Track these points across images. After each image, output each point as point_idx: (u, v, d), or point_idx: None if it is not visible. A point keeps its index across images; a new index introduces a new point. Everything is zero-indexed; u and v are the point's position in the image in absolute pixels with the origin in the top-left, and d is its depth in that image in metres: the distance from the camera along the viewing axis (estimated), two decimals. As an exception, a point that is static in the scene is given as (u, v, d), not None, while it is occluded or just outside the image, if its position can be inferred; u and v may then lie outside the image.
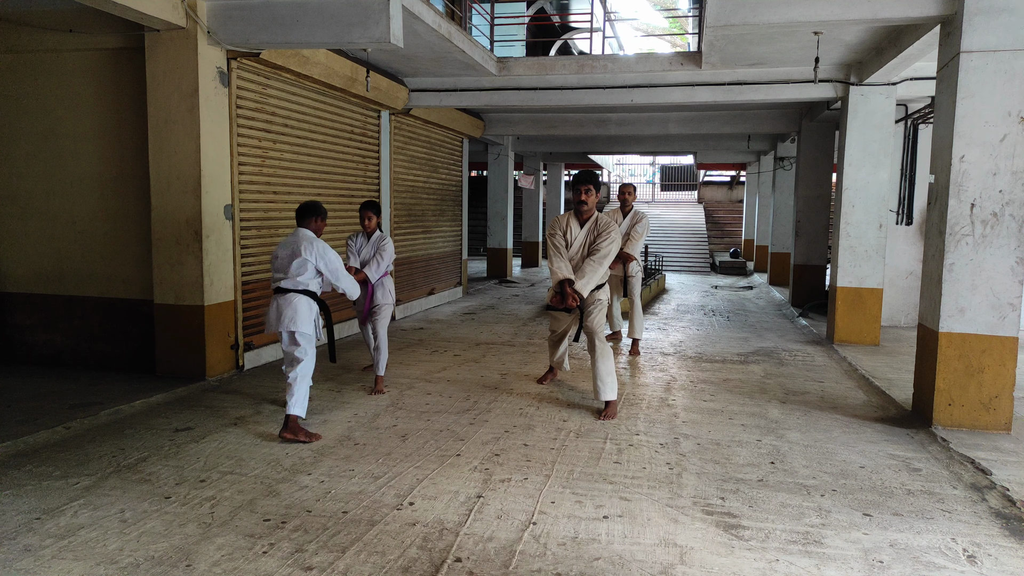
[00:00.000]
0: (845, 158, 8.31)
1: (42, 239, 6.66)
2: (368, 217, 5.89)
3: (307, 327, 4.79)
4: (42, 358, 6.77)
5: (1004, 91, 4.90)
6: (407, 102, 9.61)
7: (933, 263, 5.29)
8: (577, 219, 5.44)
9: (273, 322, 4.84)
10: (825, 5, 5.51)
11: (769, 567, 3.12)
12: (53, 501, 3.72)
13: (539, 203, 19.55)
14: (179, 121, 6.04)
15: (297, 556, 3.17)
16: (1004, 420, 5.07)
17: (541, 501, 3.78)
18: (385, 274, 5.94)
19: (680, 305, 12.23)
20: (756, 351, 8.07)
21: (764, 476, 4.19)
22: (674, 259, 20.18)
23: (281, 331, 4.81)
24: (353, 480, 4.05)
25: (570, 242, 5.39)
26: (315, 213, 4.97)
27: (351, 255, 5.93)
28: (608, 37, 15.62)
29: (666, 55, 8.71)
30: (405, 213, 10.59)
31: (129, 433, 4.85)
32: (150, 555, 3.16)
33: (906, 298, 9.78)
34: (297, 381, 4.75)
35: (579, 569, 3.08)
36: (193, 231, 6.11)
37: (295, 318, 4.74)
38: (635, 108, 11.94)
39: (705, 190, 28.51)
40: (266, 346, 7.08)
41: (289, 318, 4.74)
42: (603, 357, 5.31)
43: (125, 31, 6.07)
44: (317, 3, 5.87)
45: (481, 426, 5.08)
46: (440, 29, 7.07)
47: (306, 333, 4.80)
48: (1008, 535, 3.48)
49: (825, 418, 5.42)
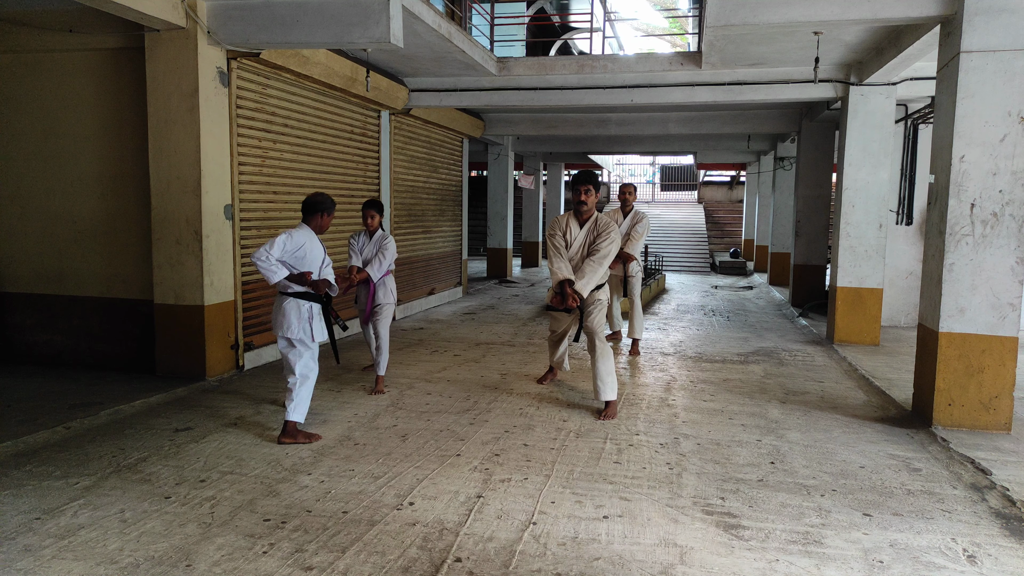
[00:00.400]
0: (845, 158, 8.31)
1: (42, 239, 6.66)
2: (371, 216, 5.86)
3: (298, 332, 4.67)
4: (42, 358, 6.77)
5: (1004, 91, 4.90)
6: (407, 102, 9.61)
7: (933, 263, 5.29)
8: (577, 219, 5.44)
9: (273, 325, 4.81)
10: (825, 5, 5.51)
11: (769, 567, 3.12)
12: (53, 501, 3.72)
13: (539, 203, 19.55)
14: (179, 121, 6.04)
15: (297, 556, 3.17)
16: (1004, 420, 5.07)
17: (541, 501, 3.78)
18: (387, 273, 5.94)
19: (680, 305, 12.22)
20: (756, 351, 8.07)
21: (764, 476, 4.19)
22: (674, 259, 20.18)
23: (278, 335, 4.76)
24: (353, 480, 4.05)
25: (570, 242, 5.39)
26: (320, 208, 4.75)
27: (353, 254, 5.91)
28: (608, 37, 15.62)
29: (666, 55, 8.71)
30: (405, 213, 10.59)
31: (129, 433, 4.85)
32: (150, 555, 3.16)
33: (906, 298, 9.78)
34: (297, 386, 4.68)
35: (579, 569, 3.08)
36: (193, 231, 6.11)
37: (283, 323, 4.66)
38: (635, 108, 11.94)
39: (705, 190, 28.50)
40: (266, 346, 7.08)
41: (279, 323, 4.69)
42: (603, 357, 5.31)
43: (125, 31, 6.07)
44: (317, 3, 5.87)
45: (481, 426, 5.08)
46: (440, 29, 7.08)
47: (300, 339, 4.70)
48: (1008, 535, 3.48)
49: (825, 418, 5.42)
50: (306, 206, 4.76)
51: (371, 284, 5.83)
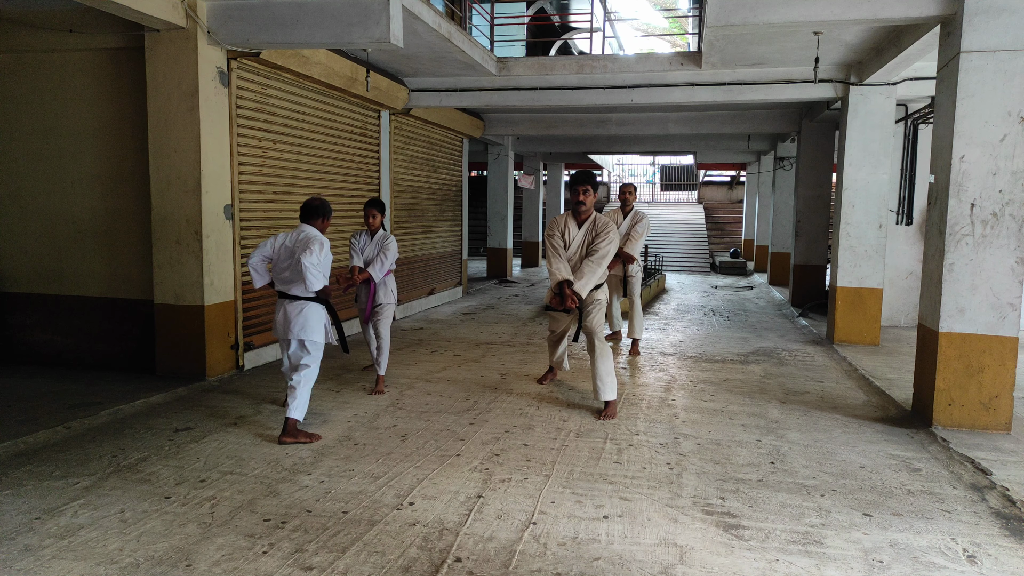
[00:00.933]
0: (845, 158, 8.31)
1: (42, 239, 6.66)
2: (372, 215, 5.82)
3: (318, 335, 4.71)
4: (42, 358, 6.77)
5: (1004, 91, 4.90)
6: (407, 102, 9.61)
7: (933, 263, 5.29)
8: (575, 219, 5.43)
9: (281, 329, 4.77)
10: (825, 5, 5.51)
11: (769, 567, 3.12)
12: (53, 501, 3.72)
13: (539, 203, 19.55)
14: (179, 121, 6.04)
15: (297, 556, 3.17)
16: (1004, 420, 5.07)
17: (541, 501, 3.78)
18: (388, 273, 5.93)
19: (680, 305, 12.22)
20: (756, 351, 8.07)
21: (764, 476, 4.19)
22: (674, 259, 20.18)
23: (290, 338, 4.75)
24: (353, 480, 4.05)
25: (568, 242, 5.38)
26: (321, 213, 4.82)
27: (354, 253, 5.87)
28: (608, 37, 15.63)
29: (666, 55, 8.71)
30: (405, 213, 10.59)
31: (129, 433, 4.85)
32: (150, 555, 3.16)
33: (906, 298, 9.78)
34: (301, 385, 4.68)
35: (579, 569, 3.08)
36: (193, 231, 6.11)
37: (306, 326, 4.67)
38: (635, 108, 11.94)
39: (705, 190, 28.51)
40: (266, 346, 7.08)
41: (300, 326, 4.67)
42: (602, 357, 5.31)
43: (125, 31, 6.07)
44: (317, 3, 5.87)
45: (481, 426, 5.08)
46: (440, 29, 7.08)
47: (316, 341, 4.73)
48: (1008, 535, 3.48)
49: (825, 418, 5.42)
50: (309, 210, 4.79)
51: (372, 284, 5.83)
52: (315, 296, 4.73)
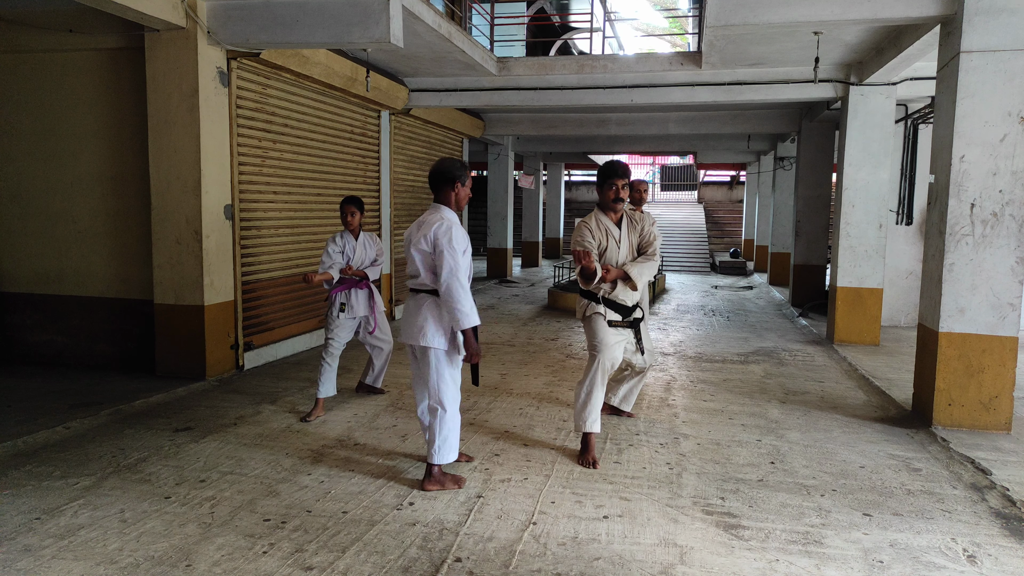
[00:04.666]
0: (845, 158, 8.31)
1: (42, 239, 6.66)
2: (351, 213, 5.31)
3: (438, 341, 3.66)
4: (42, 358, 6.77)
5: (1004, 91, 4.90)
6: (407, 102, 9.61)
7: (933, 263, 5.29)
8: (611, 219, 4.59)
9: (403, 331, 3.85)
10: (825, 5, 5.51)
11: (769, 567, 3.12)
12: (53, 501, 3.72)
13: (539, 203, 19.55)
14: (179, 121, 6.04)
15: (297, 556, 3.17)
16: (1004, 420, 5.07)
17: (541, 501, 3.78)
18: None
19: (680, 305, 12.22)
20: (756, 351, 8.07)
21: (764, 476, 4.19)
22: (674, 259, 20.17)
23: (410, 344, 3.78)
24: (353, 480, 4.05)
25: (617, 243, 4.51)
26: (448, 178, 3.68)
27: (336, 255, 5.37)
28: (608, 37, 15.62)
29: (666, 55, 8.72)
30: (405, 213, 10.59)
31: (129, 433, 4.85)
32: (150, 555, 3.16)
33: (906, 298, 9.78)
34: (441, 419, 3.68)
35: (579, 569, 3.08)
36: (193, 231, 6.10)
37: (424, 328, 3.61)
38: (635, 108, 11.94)
39: (705, 190, 28.51)
40: (266, 346, 7.08)
41: (419, 328, 3.63)
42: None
43: (125, 31, 6.07)
44: (317, 3, 5.87)
45: (481, 426, 5.08)
46: (440, 29, 7.08)
47: (438, 349, 3.69)
48: (1008, 535, 3.48)
49: (825, 418, 5.42)
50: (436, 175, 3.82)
51: (369, 287, 5.54)
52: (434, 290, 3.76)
